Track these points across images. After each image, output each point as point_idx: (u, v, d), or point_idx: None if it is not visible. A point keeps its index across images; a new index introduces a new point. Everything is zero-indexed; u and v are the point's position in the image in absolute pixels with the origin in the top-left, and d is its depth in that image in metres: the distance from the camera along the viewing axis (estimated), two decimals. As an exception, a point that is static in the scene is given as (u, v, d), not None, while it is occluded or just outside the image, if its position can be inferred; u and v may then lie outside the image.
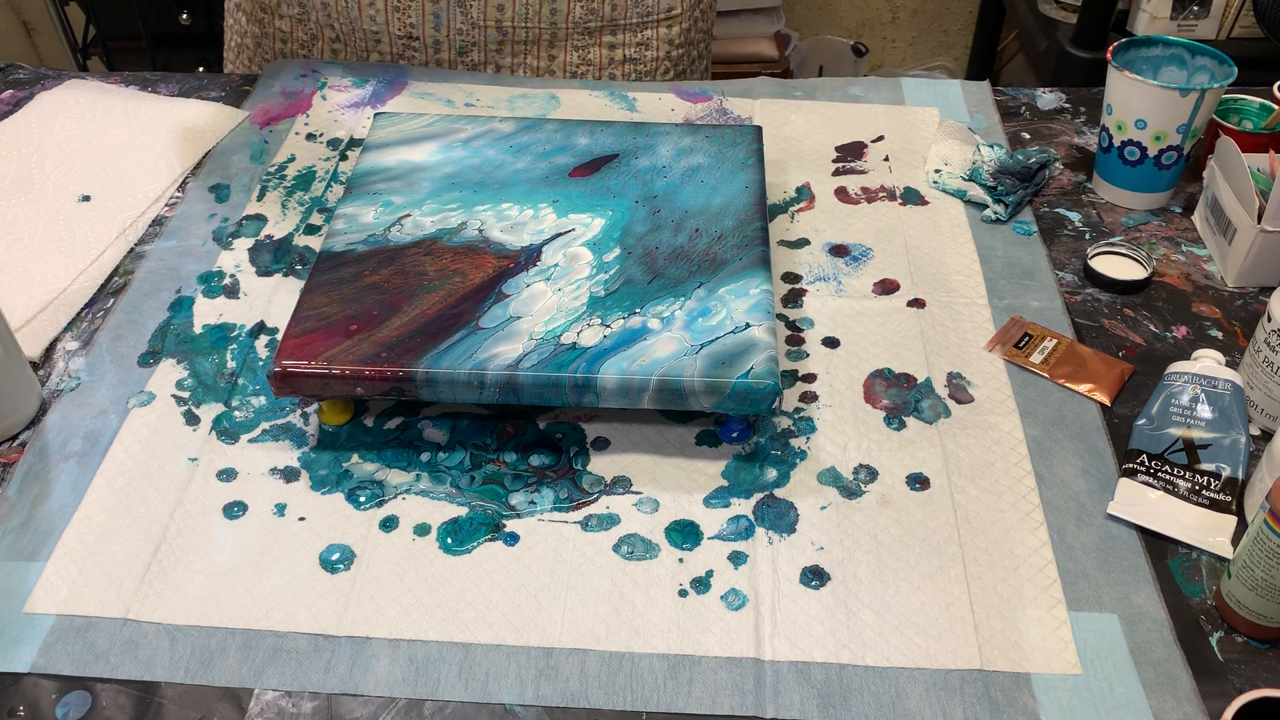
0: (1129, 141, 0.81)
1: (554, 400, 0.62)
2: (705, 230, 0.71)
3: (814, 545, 0.60)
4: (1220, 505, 0.61)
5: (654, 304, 0.66)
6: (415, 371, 0.61)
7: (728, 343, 0.63)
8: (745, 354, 0.62)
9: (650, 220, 0.72)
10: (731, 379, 0.61)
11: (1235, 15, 1.52)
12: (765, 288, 0.67)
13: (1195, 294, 0.77)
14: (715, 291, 0.66)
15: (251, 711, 0.53)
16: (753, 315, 0.65)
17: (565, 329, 0.64)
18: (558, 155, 0.78)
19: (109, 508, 0.62)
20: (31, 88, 0.98)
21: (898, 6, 2.17)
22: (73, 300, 0.76)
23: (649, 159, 0.78)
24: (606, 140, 0.80)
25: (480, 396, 0.62)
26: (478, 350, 0.62)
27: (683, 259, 0.69)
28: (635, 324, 0.64)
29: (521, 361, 0.62)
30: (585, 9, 0.98)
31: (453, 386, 0.61)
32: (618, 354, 0.62)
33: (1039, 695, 0.53)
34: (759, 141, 0.80)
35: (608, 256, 0.69)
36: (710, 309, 0.65)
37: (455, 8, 0.96)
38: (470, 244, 0.70)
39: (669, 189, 0.75)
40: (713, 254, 0.69)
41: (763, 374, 0.61)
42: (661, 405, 0.62)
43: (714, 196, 0.74)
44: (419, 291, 0.66)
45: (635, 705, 0.53)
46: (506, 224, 0.72)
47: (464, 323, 0.64)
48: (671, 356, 0.62)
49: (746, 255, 0.69)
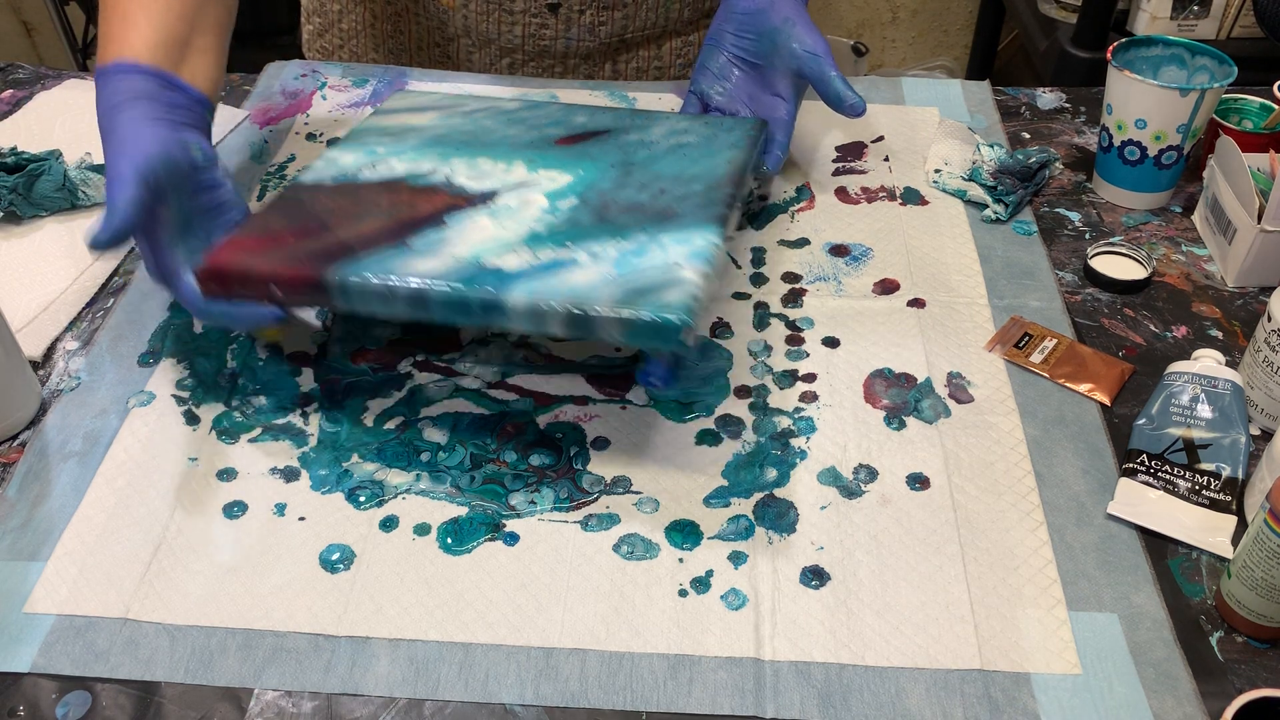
0: (1129, 141, 0.81)
1: (464, 319, 0.60)
2: (670, 191, 0.69)
3: (814, 545, 0.60)
4: (1220, 505, 0.61)
5: (590, 241, 0.63)
6: (329, 276, 0.60)
7: (650, 277, 0.59)
8: (664, 288, 0.58)
9: (619, 180, 0.70)
10: (639, 310, 0.57)
11: (1235, 15, 1.52)
12: (713, 240, 0.63)
13: (1195, 294, 0.77)
14: (657, 237, 0.63)
15: (251, 711, 0.53)
16: (689, 260, 0.61)
17: (492, 254, 0.62)
18: (551, 128, 0.77)
19: (109, 508, 0.62)
20: (31, 88, 0.98)
21: (898, 6, 2.17)
22: (73, 300, 0.76)
23: (640, 135, 0.76)
24: (603, 118, 0.79)
25: (391, 310, 0.60)
26: (399, 265, 0.61)
27: (637, 211, 0.66)
28: (564, 255, 0.62)
29: (440, 278, 0.59)
30: (693, 9, 1.00)
31: (365, 296, 0.60)
32: (535, 279, 0.60)
33: (1039, 695, 0.53)
34: (758, 131, 0.78)
35: (562, 203, 0.67)
36: (646, 250, 0.62)
37: (585, 33, 0.97)
38: (433, 186, 0.69)
39: (649, 158, 0.73)
40: (669, 209, 0.66)
41: (674, 306, 0.57)
42: (571, 333, 0.59)
43: (691, 166, 0.72)
44: (365, 216, 0.66)
45: (635, 705, 0.53)
46: (475, 173, 0.71)
47: (394, 242, 0.63)
48: (588, 286, 0.59)
49: (704, 213, 0.66)
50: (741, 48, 0.79)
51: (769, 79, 0.79)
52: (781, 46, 0.77)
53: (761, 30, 0.77)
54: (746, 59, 0.79)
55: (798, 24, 0.76)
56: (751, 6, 0.78)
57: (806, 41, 0.76)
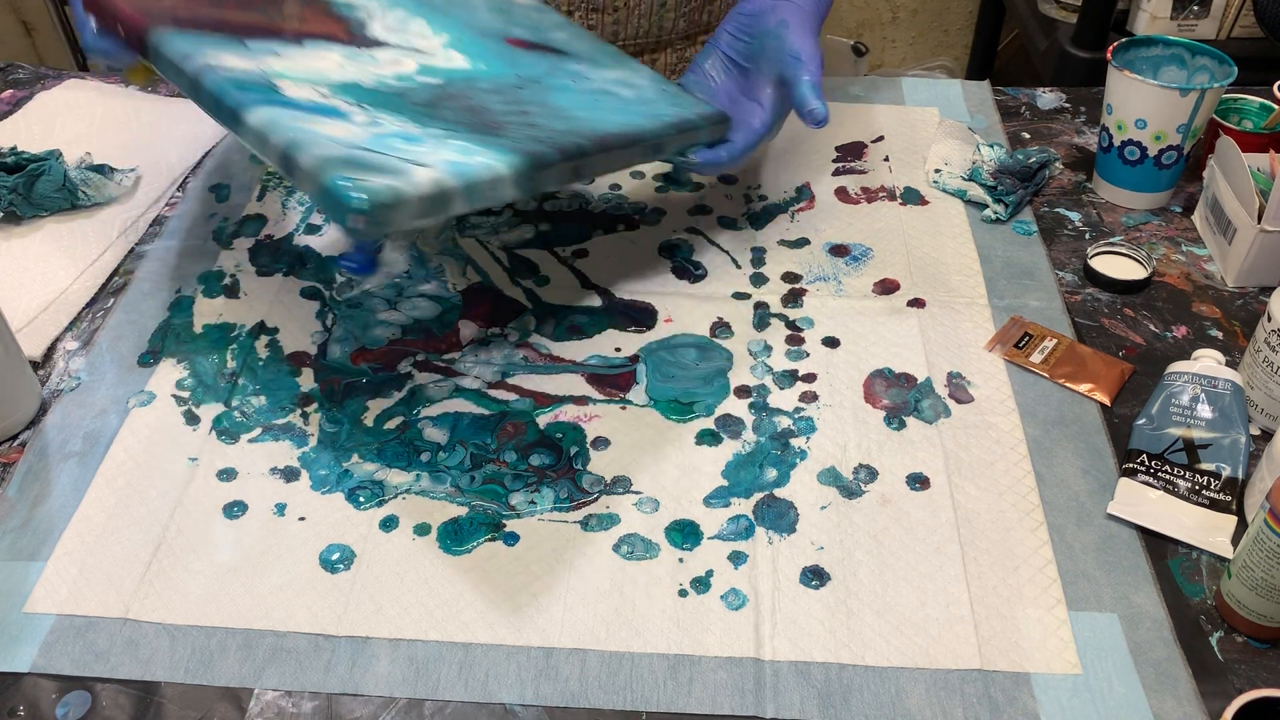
0: (1129, 141, 0.81)
1: (220, 121, 0.59)
2: (537, 120, 0.64)
3: (814, 545, 0.60)
4: (1220, 505, 0.61)
5: (389, 113, 0.60)
6: (152, 36, 0.60)
7: (380, 160, 0.55)
8: (376, 170, 0.54)
9: (501, 90, 0.66)
10: (326, 174, 0.53)
11: (1235, 15, 1.52)
12: (494, 165, 0.58)
13: (1195, 294, 0.77)
14: (453, 140, 0.59)
15: (251, 711, 0.53)
16: (443, 166, 0.56)
17: (294, 81, 0.60)
18: (519, 28, 0.73)
19: (109, 508, 0.62)
20: (31, 88, 0.98)
21: (898, 6, 2.17)
22: (73, 300, 0.76)
23: (583, 68, 0.72)
24: (573, 44, 0.75)
25: (185, 91, 0.60)
26: (210, 53, 0.59)
27: (474, 115, 0.62)
28: (341, 107, 0.59)
29: (222, 75, 0.58)
30: (689, 21, 0.99)
31: (168, 67, 0.60)
32: (289, 111, 0.57)
33: (1039, 695, 0.53)
34: (710, 122, 0.73)
35: (423, 78, 0.64)
36: (423, 141, 0.58)
37: None
38: (340, 15, 0.67)
39: (561, 88, 0.69)
40: (501, 125, 0.62)
41: (362, 187, 0.52)
42: (282, 170, 0.56)
43: (593, 112, 0.67)
44: (251, 6, 0.64)
45: (635, 705, 0.53)
46: (394, 27, 0.68)
47: (237, 35, 0.61)
48: (317, 138, 0.55)
49: (528, 145, 0.60)
50: (735, 48, 0.77)
51: (754, 83, 0.77)
52: (771, 49, 0.75)
53: (756, 32, 0.76)
54: (737, 60, 0.78)
55: (793, 28, 0.75)
56: (755, 8, 0.77)
57: (794, 45, 0.74)
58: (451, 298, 0.76)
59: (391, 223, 0.53)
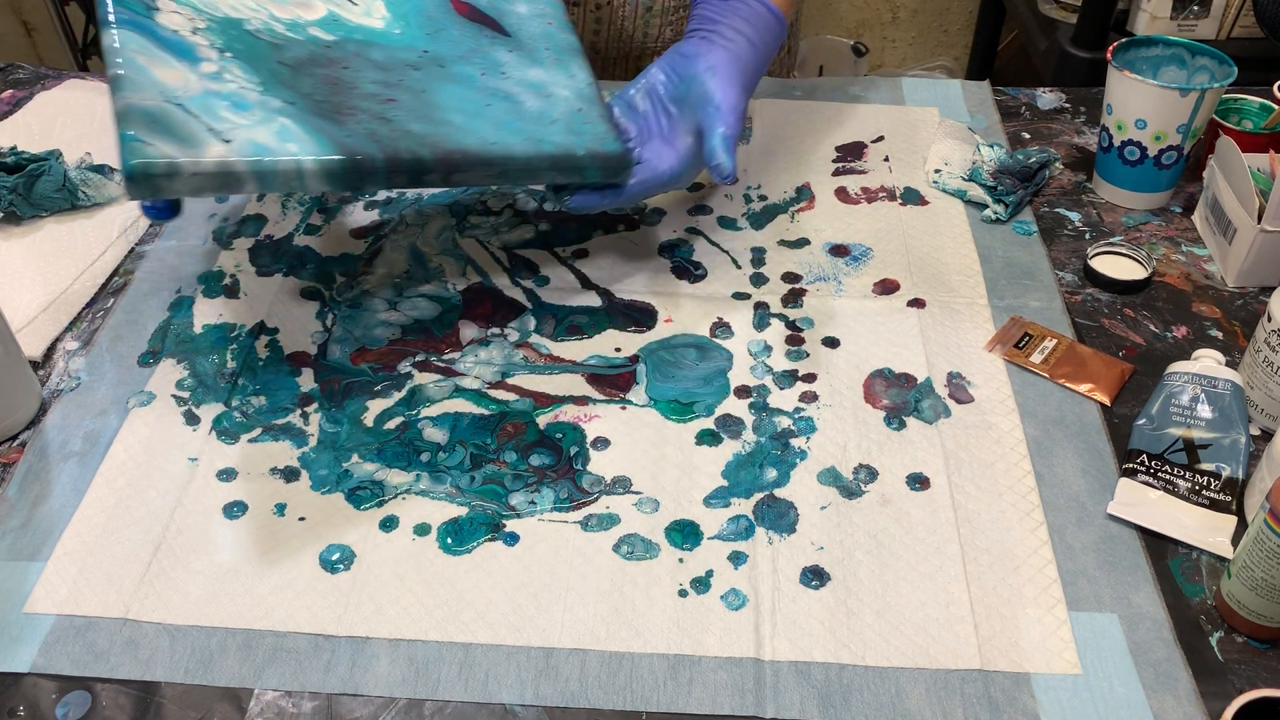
0: (1129, 141, 0.81)
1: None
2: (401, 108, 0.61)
3: (814, 545, 0.60)
4: (1220, 505, 0.61)
5: (237, 64, 0.59)
6: None
7: (177, 121, 0.55)
8: (166, 135, 0.55)
9: (389, 71, 0.64)
10: (119, 119, 0.54)
11: (1235, 15, 1.52)
12: (320, 155, 0.58)
13: (1195, 294, 0.77)
14: (274, 118, 0.58)
15: (251, 711, 0.53)
16: (250, 148, 0.56)
17: (178, 4, 0.59)
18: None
19: (109, 508, 0.62)
20: (31, 88, 0.98)
21: (898, 6, 2.17)
22: (73, 300, 0.76)
23: (514, 60, 0.69)
24: (530, 28, 0.71)
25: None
26: None
27: (328, 94, 0.60)
28: (200, 50, 0.58)
29: None
30: (675, 31, 0.98)
31: None
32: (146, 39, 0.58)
33: (1039, 695, 0.53)
34: (605, 162, 0.67)
35: (315, 31, 0.63)
36: (247, 107, 0.58)
37: None
38: None
39: (458, 80, 0.65)
40: (349, 110, 0.60)
41: (130, 139, 0.53)
42: None
43: (472, 120, 0.64)
44: None
45: (635, 705, 0.53)
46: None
47: None
48: (140, 74, 0.56)
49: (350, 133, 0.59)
50: (664, 87, 0.74)
51: (674, 127, 0.72)
52: (695, 94, 0.71)
53: (685, 74, 0.72)
54: (664, 99, 0.73)
55: (719, 75, 0.71)
56: (690, 50, 0.73)
57: (716, 94, 0.70)
58: (451, 298, 0.76)
59: (164, 191, 0.55)
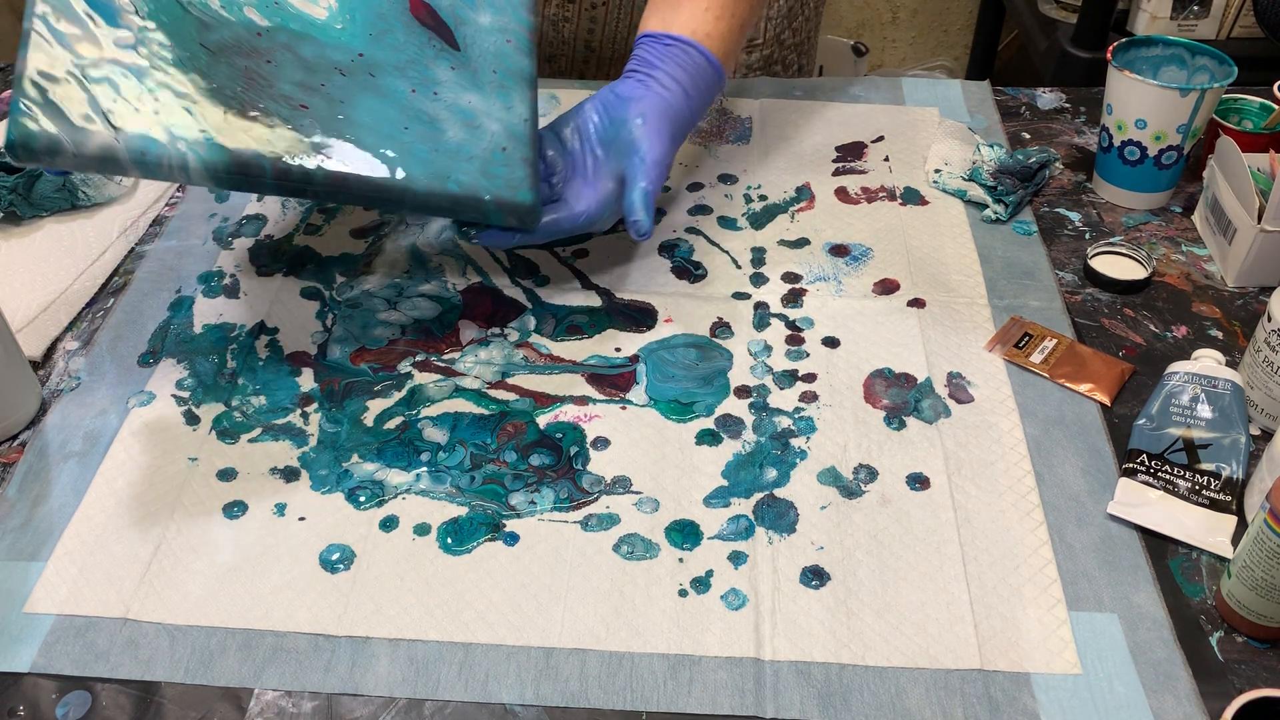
0: (1129, 141, 0.81)
1: None
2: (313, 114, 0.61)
3: (814, 545, 0.60)
4: (1220, 505, 0.61)
5: (160, 35, 0.59)
6: None
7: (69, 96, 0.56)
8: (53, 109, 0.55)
9: (315, 72, 0.62)
10: (16, 79, 0.55)
11: (1235, 15, 1.52)
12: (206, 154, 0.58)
13: (1195, 294, 0.77)
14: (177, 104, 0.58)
15: (251, 711, 0.53)
16: (138, 139, 0.56)
17: None
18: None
19: (109, 508, 0.62)
20: (31, 88, 0.98)
21: (898, 6, 2.17)
22: (73, 300, 0.76)
23: (454, 79, 0.67)
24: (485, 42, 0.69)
25: None
26: None
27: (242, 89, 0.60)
28: (123, 15, 0.58)
29: None
30: None
31: None
32: None
33: (1039, 695, 0.53)
34: (507, 210, 0.66)
35: (252, 14, 0.62)
36: (152, 90, 0.57)
37: (549, 28, 0.95)
38: None
39: (386, 93, 0.64)
40: (256, 109, 0.59)
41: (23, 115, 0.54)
42: None
43: (379, 138, 0.63)
44: None
45: (635, 705, 0.53)
46: None
47: None
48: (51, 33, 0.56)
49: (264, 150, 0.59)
50: (594, 126, 0.72)
51: (598, 169, 0.72)
52: (623, 140, 0.70)
53: (616, 117, 0.71)
54: (593, 140, 0.72)
55: (649, 124, 0.70)
56: (625, 92, 0.72)
57: (643, 144, 0.70)
58: (451, 298, 0.76)
59: (44, 164, 0.56)
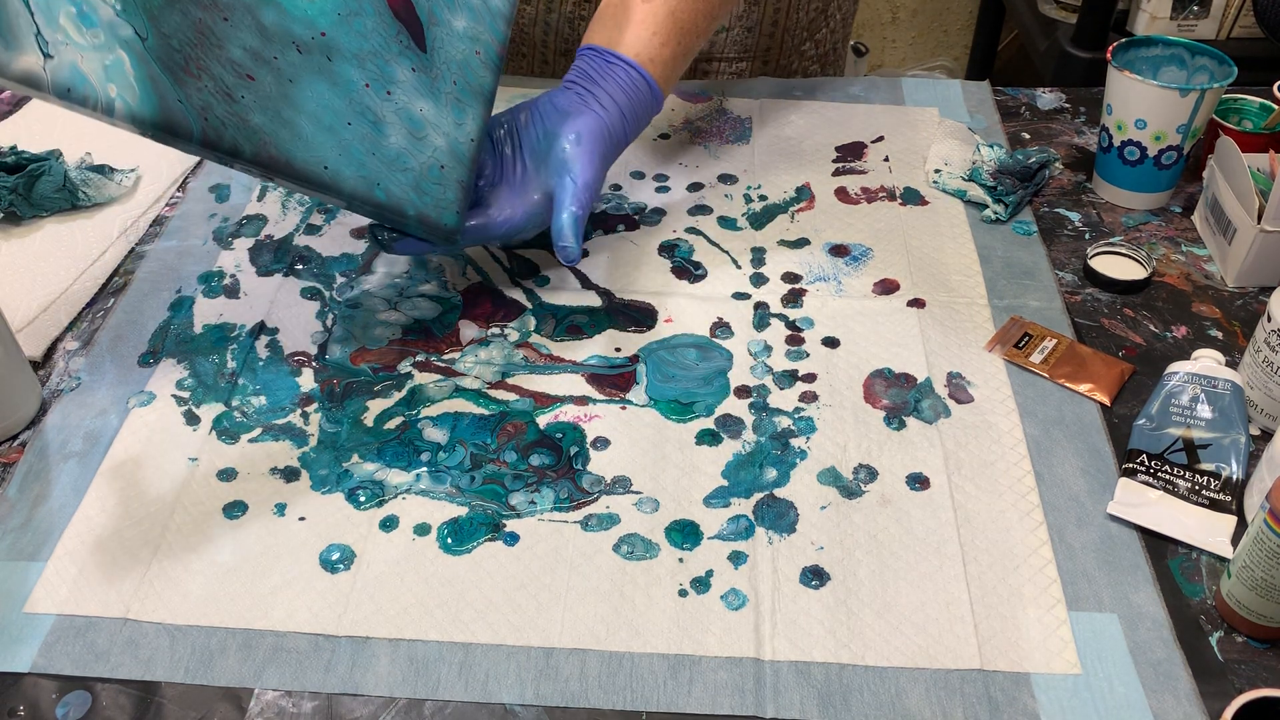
0: (1129, 141, 0.81)
1: None
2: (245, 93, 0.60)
3: (814, 545, 0.60)
4: (1220, 505, 0.61)
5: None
6: None
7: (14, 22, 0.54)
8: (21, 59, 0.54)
9: (270, 43, 0.61)
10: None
11: (1235, 15, 1.52)
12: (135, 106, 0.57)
13: (1195, 294, 0.77)
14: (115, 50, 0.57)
15: (251, 711, 0.53)
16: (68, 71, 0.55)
17: None
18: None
19: (109, 508, 0.62)
20: (31, 88, 0.98)
21: (898, 6, 2.17)
22: (73, 300, 0.76)
23: (411, 82, 0.66)
24: (452, 49, 0.67)
25: None
26: None
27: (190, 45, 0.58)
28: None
29: None
30: None
31: None
32: None
33: (1039, 695, 0.53)
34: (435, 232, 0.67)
35: None
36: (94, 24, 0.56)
37: (565, 26, 0.96)
38: None
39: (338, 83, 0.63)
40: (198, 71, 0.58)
41: None
42: None
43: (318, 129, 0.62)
44: None
45: (635, 705, 0.53)
46: None
47: None
48: None
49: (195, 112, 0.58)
50: (526, 136, 0.71)
51: (527, 181, 0.71)
52: (555, 157, 0.69)
53: (551, 131, 0.70)
54: (524, 150, 0.71)
55: (584, 145, 0.69)
56: (563, 105, 0.71)
57: (575, 165, 0.69)
58: (451, 298, 0.76)
59: None
